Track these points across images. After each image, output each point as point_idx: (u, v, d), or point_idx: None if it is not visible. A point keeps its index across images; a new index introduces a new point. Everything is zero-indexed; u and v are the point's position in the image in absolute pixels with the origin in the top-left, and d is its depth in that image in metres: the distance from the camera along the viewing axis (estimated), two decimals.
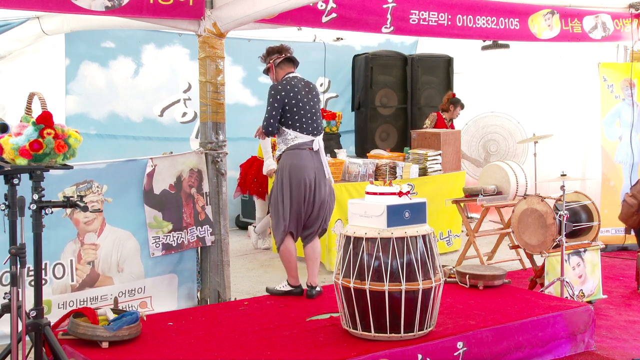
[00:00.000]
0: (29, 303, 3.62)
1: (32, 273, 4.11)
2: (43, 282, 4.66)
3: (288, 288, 5.40)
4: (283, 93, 5.14)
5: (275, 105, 5.12)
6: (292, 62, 5.37)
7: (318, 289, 5.34)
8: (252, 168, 8.30)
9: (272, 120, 5.13)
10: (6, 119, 5.82)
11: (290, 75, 5.30)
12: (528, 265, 7.10)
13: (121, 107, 8.75)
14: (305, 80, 5.36)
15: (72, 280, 4.91)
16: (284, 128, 5.20)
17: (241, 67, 9.45)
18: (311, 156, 5.20)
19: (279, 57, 5.30)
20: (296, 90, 5.18)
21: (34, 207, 3.46)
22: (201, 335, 4.38)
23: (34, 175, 3.50)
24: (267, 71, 5.43)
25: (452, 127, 8.95)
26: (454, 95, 9.03)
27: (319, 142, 5.27)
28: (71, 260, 4.91)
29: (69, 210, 4.81)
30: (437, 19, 6.93)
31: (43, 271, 4.72)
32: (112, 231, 5.09)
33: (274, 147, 7.84)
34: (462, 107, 8.95)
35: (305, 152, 5.18)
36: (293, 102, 5.15)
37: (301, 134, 5.18)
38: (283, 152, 5.23)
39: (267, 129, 5.18)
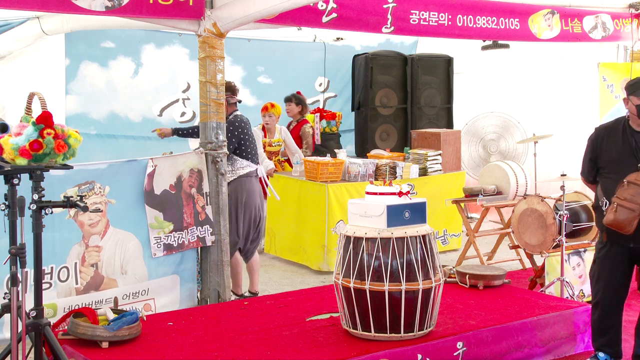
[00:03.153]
0: (30, 303, 3.62)
1: None
2: (48, 285, 4.68)
3: (234, 297, 5.88)
4: (240, 129, 5.92)
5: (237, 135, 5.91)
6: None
7: (259, 295, 6.09)
8: None
9: (231, 147, 5.84)
10: (6, 119, 5.82)
11: (238, 112, 6.05)
12: (528, 265, 7.10)
13: (121, 107, 8.73)
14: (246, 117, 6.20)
15: (77, 283, 4.89)
16: (236, 157, 5.93)
17: (241, 67, 9.45)
18: (257, 182, 6.09)
19: (232, 97, 5.99)
20: (248, 127, 6.05)
21: (34, 207, 3.45)
22: (201, 335, 4.38)
23: (34, 175, 3.49)
24: None
25: (302, 123, 8.57)
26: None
27: (260, 170, 6.17)
28: (75, 263, 4.88)
29: (72, 212, 4.80)
30: (437, 19, 6.93)
31: (49, 275, 4.73)
32: (115, 232, 5.08)
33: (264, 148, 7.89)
34: (288, 101, 8.57)
35: (254, 179, 6.05)
36: (247, 136, 5.98)
37: (251, 163, 6.00)
38: (235, 178, 5.92)
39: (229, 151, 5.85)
